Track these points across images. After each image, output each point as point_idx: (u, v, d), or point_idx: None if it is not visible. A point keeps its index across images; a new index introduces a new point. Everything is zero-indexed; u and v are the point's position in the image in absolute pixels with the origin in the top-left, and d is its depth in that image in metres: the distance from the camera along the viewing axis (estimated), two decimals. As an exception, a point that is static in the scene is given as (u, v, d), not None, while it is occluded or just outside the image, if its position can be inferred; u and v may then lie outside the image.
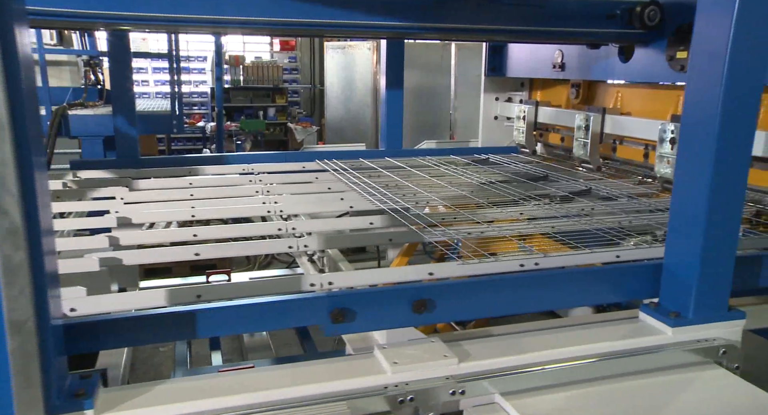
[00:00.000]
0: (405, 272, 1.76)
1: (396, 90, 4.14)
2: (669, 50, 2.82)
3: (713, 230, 1.54)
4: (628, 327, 1.65)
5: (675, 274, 1.65)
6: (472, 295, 1.56)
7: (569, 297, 1.68)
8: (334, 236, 2.25)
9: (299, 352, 3.19)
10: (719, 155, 1.49)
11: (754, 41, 1.44)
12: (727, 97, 1.46)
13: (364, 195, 2.97)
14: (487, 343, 1.54)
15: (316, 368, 1.44)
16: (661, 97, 3.24)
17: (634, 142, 3.33)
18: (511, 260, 1.81)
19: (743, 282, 1.85)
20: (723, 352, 1.59)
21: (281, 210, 2.53)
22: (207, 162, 3.63)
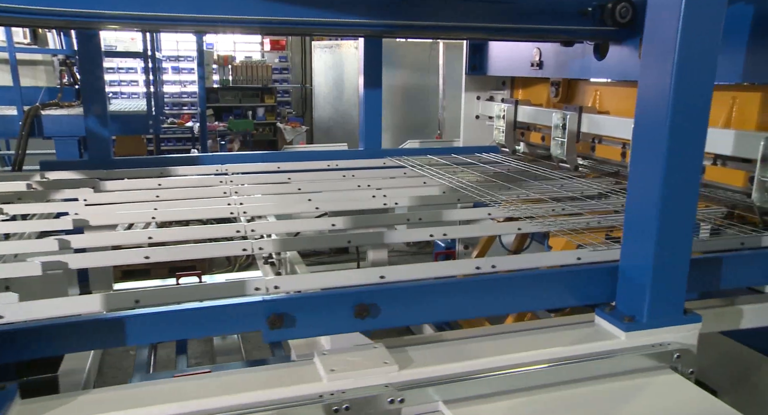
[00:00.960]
0: (356, 275, 1.71)
1: (374, 89, 4.09)
2: (641, 48, 2.77)
3: (666, 232, 1.49)
4: (581, 332, 1.60)
5: (629, 277, 1.60)
6: (418, 299, 1.51)
7: (522, 301, 1.64)
8: (290, 239, 2.20)
9: (270, 355, 3.14)
10: (670, 156, 1.44)
11: (704, 38, 1.40)
12: (676, 98, 1.42)
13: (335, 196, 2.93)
14: (433, 349, 1.50)
15: (255, 375, 1.39)
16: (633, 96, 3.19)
17: (612, 141, 3.29)
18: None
19: (703, 284, 1.81)
20: (677, 356, 1.55)
21: (245, 211, 2.49)
22: (181, 163, 3.58)
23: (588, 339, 1.56)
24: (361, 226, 2.34)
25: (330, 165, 3.77)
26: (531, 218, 2.34)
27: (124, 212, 2.45)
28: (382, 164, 3.88)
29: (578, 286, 1.67)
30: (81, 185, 2.91)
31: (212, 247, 1.96)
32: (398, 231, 2.21)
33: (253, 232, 2.20)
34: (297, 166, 3.68)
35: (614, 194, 2.79)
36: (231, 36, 11.75)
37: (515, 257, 1.94)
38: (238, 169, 3.58)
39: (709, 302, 1.92)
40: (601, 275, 1.67)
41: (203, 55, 7.23)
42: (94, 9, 2.51)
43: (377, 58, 4.07)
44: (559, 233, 2.19)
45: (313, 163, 3.76)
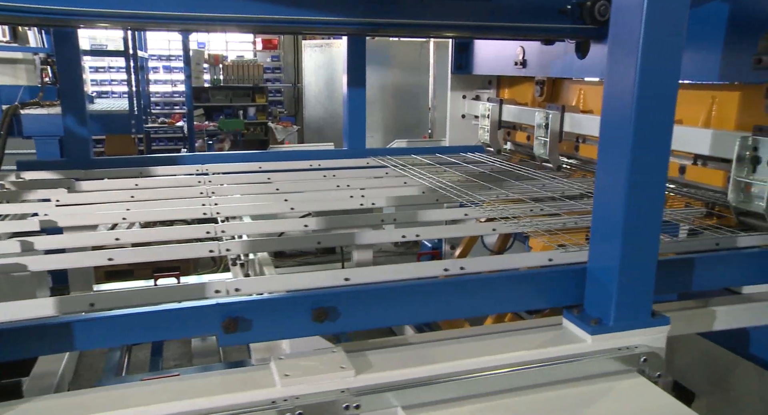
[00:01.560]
0: (320, 278, 1.68)
1: (358, 88, 4.06)
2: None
3: (631, 233, 1.47)
4: (548, 335, 1.57)
5: (597, 279, 1.58)
6: (379, 302, 1.48)
7: (488, 304, 1.61)
8: (259, 240, 2.17)
9: (248, 357, 3.11)
10: (635, 156, 1.42)
11: (667, 36, 1.37)
12: (641, 97, 1.39)
13: (312, 196, 2.90)
14: (395, 353, 1.47)
15: (212, 380, 1.36)
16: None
17: (595, 141, 3.27)
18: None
19: (675, 286, 1.79)
20: (644, 360, 1.52)
21: (218, 212, 2.45)
22: (161, 162, 3.54)
23: (553, 343, 1.53)
24: (336, 227, 2.31)
25: (312, 165, 3.74)
26: (507, 219, 2.31)
27: (95, 213, 2.41)
28: (366, 164, 3.85)
29: (546, 288, 1.64)
30: (55, 186, 2.87)
31: (178, 248, 1.92)
32: (370, 232, 2.18)
33: (224, 233, 2.17)
34: (279, 166, 3.65)
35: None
36: (223, 35, 11.71)
37: (485, 258, 1.91)
38: (219, 169, 3.55)
39: (682, 304, 1.89)
40: (570, 277, 1.64)
41: (189, 54, 7.18)
42: (73, 6, 2.48)
43: (361, 56, 4.04)
44: (533, 234, 2.16)
45: (295, 163, 3.73)
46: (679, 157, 2.72)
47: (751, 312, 1.90)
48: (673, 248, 2.06)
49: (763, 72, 2.04)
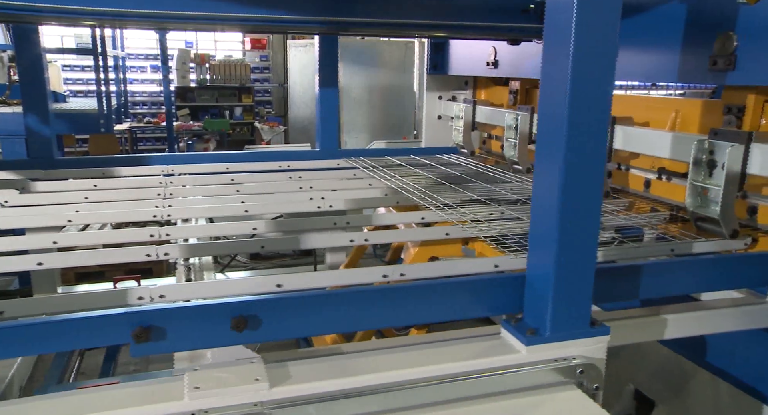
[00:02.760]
0: (250, 284, 1.62)
1: (330, 89, 4.01)
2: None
3: (567, 239, 1.41)
4: (483, 345, 1.52)
5: (534, 287, 1.52)
6: (304, 311, 1.42)
7: (423, 312, 1.55)
8: (198, 244, 2.11)
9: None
10: (568, 158, 1.36)
11: (600, 37, 1.32)
12: (574, 96, 1.33)
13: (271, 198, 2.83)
14: (318, 363, 1.40)
15: (126, 391, 1.30)
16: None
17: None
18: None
19: (621, 294, 1.73)
20: (581, 372, 1.47)
21: (169, 214, 2.39)
22: (127, 163, 3.48)
23: (487, 353, 1.47)
24: (286, 230, 2.25)
25: (282, 166, 3.68)
26: (464, 223, 2.25)
27: (40, 215, 2.34)
28: (336, 165, 3.79)
29: (485, 296, 1.58)
30: (8, 186, 2.81)
31: (112, 253, 1.86)
32: (315, 236, 2.12)
33: (168, 236, 2.11)
34: (247, 168, 3.59)
35: None
36: (212, 35, 11.65)
37: (428, 264, 1.86)
38: (186, 170, 3.49)
39: (633, 312, 1.84)
40: (510, 285, 1.58)
41: (167, 54, 7.11)
42: (35, 2, 2.42)
43: (333, 56, 3.98)
44: (486, 239, 2.10)
45: (264, 164, 3.68)
46: (644, 171, 2.68)
47: (702, 320, 1.84)
48: (627, 254, 2.01)
49: (718, 74, 1.99)
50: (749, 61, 1.89)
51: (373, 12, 3.27)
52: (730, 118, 2.17)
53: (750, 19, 1.86)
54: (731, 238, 2.00)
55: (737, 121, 2.15)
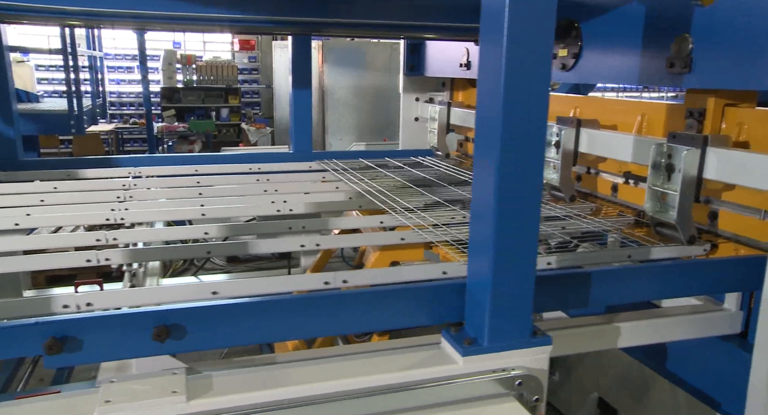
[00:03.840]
0: (187, 291, 1.57)
1: (303, 90, 3.95)
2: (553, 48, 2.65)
3: (504, 244, 1.36)
4: (421, 355, 1.47)
5: (473, 295, 1.47)
6: (233, 320, 1.37)
7: (361, 321, 1.50)
8: (141, 249, 2.05)
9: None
10: (503, 160, 1.31)
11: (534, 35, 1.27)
12: (507, 98, 1.29)
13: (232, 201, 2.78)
14: (245, 374, 1.35)
15: (38, 405, 1.25)
16: (561, 99, 3.08)
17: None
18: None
19: (568, 302, 1.68)
20: (519, 383, 1.42)
21: (122, 218, 2.34)
22: (94, 164, 3.43)
23: (424, 364, 1.42)
24: (241, 234, 2.20)
25: (252, 169, 3.62)
26: (422, 227, 2.21)
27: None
28: (308, 168, 3.74)
29: (426, 304, 1.53)
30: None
31: (50, 258, 1.80)
32: (264, 241, 2.07)
33: (116, 240, 2.05)
34: (217, 170, 3.53)
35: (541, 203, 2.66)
36: (200, 35, 11.59)
37: (372, 270, 1.81)
38: (153, 172, 3.43)
39: (585, 320, 1.79)
40: (452, 293, 1.53)
41: (145, 54, 7.05)
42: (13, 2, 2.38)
43: (306, 57, 3.93)
44: (441, 244, 2.06)
45: (233, 166, 3.62)
46: (612, 175, 2.64)
47: (656, 328, 1.80)
48: (582, 260, 1.96)
49: (676, 77, 1.95)
50: (705, 63, 1.84)
51: (347, 12, 3.23)
52: (692, 121, 2.13)
53: (705, 21, 1.82)
54: (689, 244, 1.96)
55: (698, 125, 2.11)
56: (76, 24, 3.89)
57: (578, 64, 2.50)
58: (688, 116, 2.15)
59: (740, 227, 2.01)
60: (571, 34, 2.49)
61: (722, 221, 2.08)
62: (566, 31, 2.53)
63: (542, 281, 1.62)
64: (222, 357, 3.43)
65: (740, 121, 2.01)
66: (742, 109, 2.02)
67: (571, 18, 2.49)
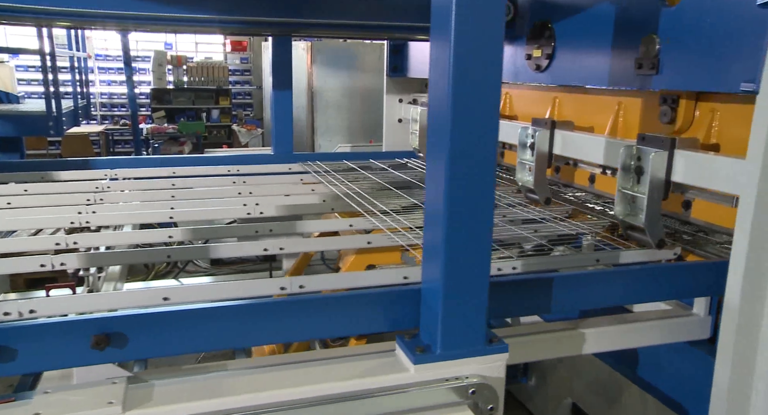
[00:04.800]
0: (138, 297, 1.53)
1: (284, 91, 3.92)
2: (527, 48, 2.63)
3: (456, 248, 1.32)
4: (373, 363, 1.43)
5: (427, 302, 1.43)
6: (178, 327, 1.33)
7: (315, 327, 1.46)
8: (98, 254, 2.01)
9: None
10: (453, 162, 1.27)
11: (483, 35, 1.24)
12: (456, 97, 1.25)
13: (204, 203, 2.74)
14: (188, 383, 1.31)
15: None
16: (539, 99, 3.05)
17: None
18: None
19: (530, 308, 1.65)
20: (473, 392, 1.38)
21: (88, 221, 2.30)
22: (70, 167, 3.39)
23: (374, 372, 1.38)
24: (206, 237, 2.16)
25: (231, 170, 3.58)
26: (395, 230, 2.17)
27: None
28: (288, 170, 3.71)
29: (382, 310, 1.49)
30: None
31: (6, 262, 1.76)
32: (229, 245, 2.03)
33: (76, 244, 2.01)
34: (195, 172, 3.49)
35: (517, 205, 2.63)
36: (192, 36, 11.55)
37: (330, 275, 1.77)
38: (130, 174, 3.39)
39: (554, 326, 1.76)
40: (407, 299, 1.49)
41: (129, 55, 7.01)
42: None
43: (287, 58, 3.89)
44: (409, 248, 2.02)
45: (212, 168, 3.58)
46: (590, 166, 2.61)
47: (624, 334, 1.76)
48: (550, 265, 1.93)
49: (644, 78, 1.92)
50: (672, 64, 1.81)
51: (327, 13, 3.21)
52: (666, 108, 2.09)
53: (671, 21, 1.79)
54: (658, 247, 1.93)
55: (672, 113, 2.07)
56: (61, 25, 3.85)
57: (552, 65, 2.46)
58: (662, 103, 2.11)
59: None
60: (545, 34, 2.46)
61: (695, 209, 2.04)
62: (540, 31, 2.50)
63: (504, 285, 1.59)
64: (198, 361, 3.39)
65: (713, 107, 1.97)
66: (716, 95, 1.98)
67: (545, 18, 2.46)
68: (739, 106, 1.88)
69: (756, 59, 1.45)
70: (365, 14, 3.28)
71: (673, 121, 2.08)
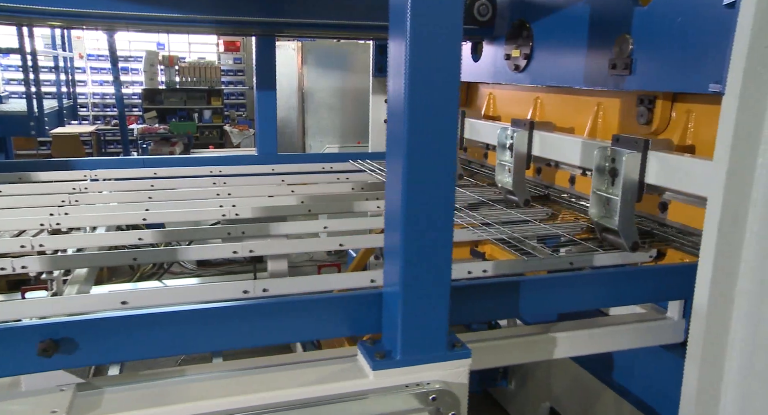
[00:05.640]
0: (95, 302, 1.49)
1: (268, 91, 3.89)
2: (506, 48, 2.60)
3: (414, 251, 1.29)
4: (333, 369, 1.39)
5: (388, 306, 1.40)
6: (130, 332, 1.30)
7: (276, 331, 1.42)
8: (61, 256, 1.97)
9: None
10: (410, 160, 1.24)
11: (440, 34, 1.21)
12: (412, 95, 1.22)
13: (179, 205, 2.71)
14: (139, 390, 1.28)
15: None
16: (523, 99, 3.02)
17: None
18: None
19: (496, 312, 1.62)
20: (433, 398, 1.35)
21: (58, 223, 2.27)
22: (50, 167, 3.35)
23: (334, 378, 1.35)
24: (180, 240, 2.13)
25: (213, 171, 3.55)
26: (371, 232, 2.15)
27: None
28: (271, 171, 3.67)
29: (343, 314, 1.46)
30: None
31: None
32: (195, 247, 2.00)
33: (42, 246, 1.98)
34: (177, 173, 3.46)
35: (492, 204, 2.60)
36: (185, 37, 11.51)
37: (297, 279, 1.74)
38: (111, 175, 3.36)
39: (523, 330, 1.73)
40: (369, 303, 1.46)
41: (116, 54, 6.97)
42: None
43: (270, 58, 3.87)
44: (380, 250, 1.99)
45: (195, 169, 3.55)
46: (571, 168, 2.58)
47: (596, 338, 1.73)
48: (522, 268, 1.90)
49: (618, 78, 1.89)
50: (645, 65, 1.78)
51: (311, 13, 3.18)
52: (643, 109, 2.07)
53: (644, 21, 1.76)
54: (631, 250, 1.90)
55: (649, 114, 2.05)
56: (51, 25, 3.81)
57: (530, 65, 2.44)
58: (638, 104, 2.09)
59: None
60: (523, 34, 2.43)
61: (671, 211, 2.01)
62: (518, 31, 2.47)
63: (472, 289, 1.56)
64: (178, 364, 3.35)
65: (689, 109, 1.94)
66: (691, 96, 1.95)
67: (523, 18, 2.44)
68: (714, 107, 1.85)
69: (723, 60, 1.42)
70: (349, 14, 3.25)
71: (650, 122, 2.06)
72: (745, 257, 1.41)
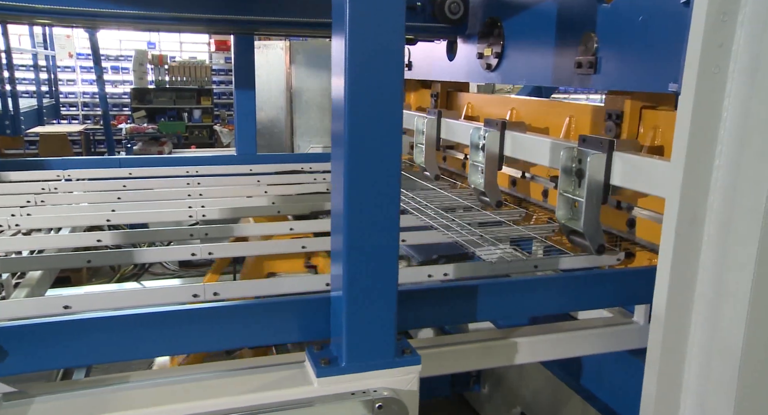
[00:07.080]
0: (37, 305, 1.45)
1: (247, 90, 3.85)
2: (479, 47, 2.56)
3: (358, 252, 1.25)
4: (278, 375, 1.35)
5: (335, 311, 1.36)
6: (66, 338, 1.25)
7: (222, 337, 1.38)
8: (11, 259, 1.92)
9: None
10: (351, 158, 1.20)
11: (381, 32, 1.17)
12: (352, 93, 1.18)
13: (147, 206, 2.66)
14: (72, 399, 1.24)
15: None
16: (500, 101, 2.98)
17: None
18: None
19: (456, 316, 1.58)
20: (379, 407, 1.31)
21: (18, 224, 2.22)
22: (22, 167, 3.31)
23: (277, 385, 1.31)
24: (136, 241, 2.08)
25: (189, 171, 3.50)
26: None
27: None
28: (249, 171, 3.63)
29: (293, 319, 1.42)
30: None
31: None
32: (154, 249, 1.96)
33: (-4, 248, 1.93)
34: (152, 173, 3.41)
35: (474, 208, 2.56)
36: (176, 36, 11.46)
37: (248, 282, 1.70)
38: (85, 175, 3.32)
39: (484, 334, 1.69)
40: (319, 307, 1.42)
41: (98, 54, 6.92)
42: None
43: (249, 57, 3.82)
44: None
45: (172, 169, 3.50)
46: (545, 181, 2.54)
47: (560, 342, 1.69)
48: (487, 271, 1.86)
49: (584, 77, 1.85)
50: (610, 64, 1.75)
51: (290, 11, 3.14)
52: (611, 124, 2.03)
53: (608, 18, 1.72)
54: (598, 253, 1.86)
55: (617, 129, 2.01)
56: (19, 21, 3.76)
57: (502, 64, 2.40)
58: (607, 118, 2.06)
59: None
60: (494, 32, 2.39)
61: (639, 228, 1.98)
62: (490, 29, 2.43)
63: (427, 293, 1.52)
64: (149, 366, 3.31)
65: (656, 124, 1.91)
66: (659, 112, 1.92)
67: (495, 15, 2.39)
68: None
69: (680, 59, 1.38)
70: (328, 12, 3.22)
71: (618, 137, 2.02)
72: (702, 260, 1.37)
